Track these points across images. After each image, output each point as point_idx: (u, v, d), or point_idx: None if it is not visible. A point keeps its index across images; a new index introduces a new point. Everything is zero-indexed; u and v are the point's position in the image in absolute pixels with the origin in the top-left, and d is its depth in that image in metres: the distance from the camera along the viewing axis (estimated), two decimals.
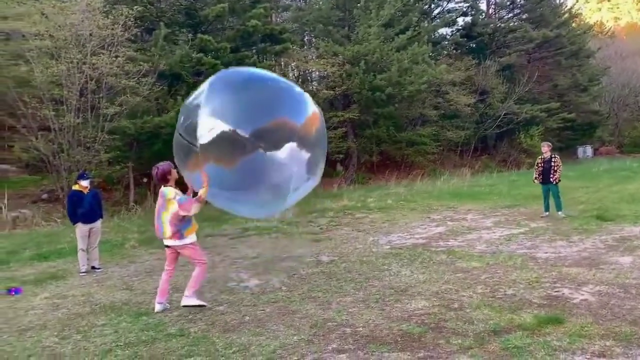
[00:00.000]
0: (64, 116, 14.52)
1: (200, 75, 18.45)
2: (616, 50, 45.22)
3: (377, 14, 21.33)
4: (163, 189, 5.45)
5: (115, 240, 10.14)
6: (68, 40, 14.77)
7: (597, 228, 8.95)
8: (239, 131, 4.93)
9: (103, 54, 15.08)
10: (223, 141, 4.99)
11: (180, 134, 5.29)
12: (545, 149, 11.14)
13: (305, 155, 5.29)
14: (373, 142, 24.91)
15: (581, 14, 47.78)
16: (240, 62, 18.84)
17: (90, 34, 15.11)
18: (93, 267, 7.61)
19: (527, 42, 30.03)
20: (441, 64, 26.23)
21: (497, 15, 33.60)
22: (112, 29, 15.31)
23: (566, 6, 35.61)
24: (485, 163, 28.49)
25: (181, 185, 5.50)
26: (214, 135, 4.93)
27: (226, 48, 18.33)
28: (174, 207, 5.26)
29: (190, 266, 6.02)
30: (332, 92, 21.63)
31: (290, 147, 5.10)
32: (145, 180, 18.20)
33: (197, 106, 5.08)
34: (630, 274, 5.75)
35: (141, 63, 15.69)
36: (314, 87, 24.56)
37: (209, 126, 4.95)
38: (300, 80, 24.64)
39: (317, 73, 26.50)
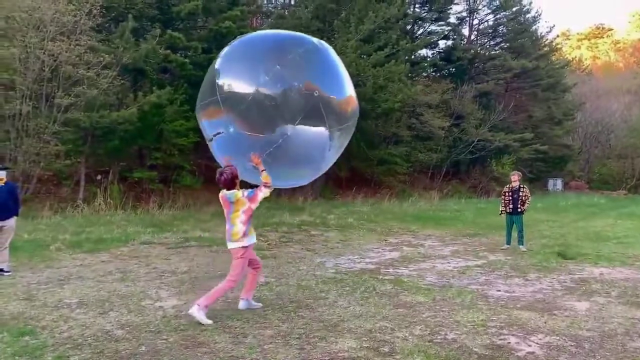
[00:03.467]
0: (12, 102, 13.61)
1: (166, 73, 17.74)
2: (592, 88, 45.88)
3: (357, 28, 20.93)
4: (227, 193, 5.18)
5: (43, 239, 9.29)
6: (25, 22, 13.92)
7: (556, 266, 8.48)
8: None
9: (63, 40, 14.25)
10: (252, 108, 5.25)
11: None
12: (515, 178, 10.68)
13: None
14: (343, 157, 24.27)
15: (561, 48, 48.60)
16: (210, 63, 18.20)
17: (53, 19, 14.28)
18: (1, 270, 6.79)
19: (505, 71, 30.03)
20: (419, 84, 26.00)
21: (478, 41, 33.64)
22: (75, 15, 14.51)
23: (547, 39, 35.89)
24: (455, 188, 28.21)
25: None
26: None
27: (197, 47, 17.63)
28: (244, 206, 5.11)
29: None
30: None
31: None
32: (99, 177, 17.27)
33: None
34: (585, 323, 5.22)
35: (103, 54, 14.87)
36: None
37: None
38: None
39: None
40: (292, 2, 28.59)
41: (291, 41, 5.95)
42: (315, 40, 5.98)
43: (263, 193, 5.08)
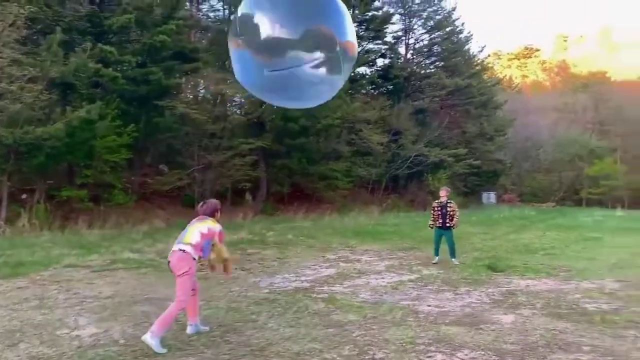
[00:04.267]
0: None
1: (97, 87, 17.11)
2: (522, 105, 48.31)
3: None
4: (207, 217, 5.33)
5: None
6: None
7: (486, 279, 8.71)
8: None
9: None
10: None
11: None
12: (443, 193, 10.92)
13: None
14: (284, 173, 24.32)
15: (492, 67, 50.97)
16: (145, 77, 17.75)
17: None
18: None
19: (440, 88, 31.12)
20: (358, 101, 26.44)
21: (414, 60, 34.70)
22: None
23: (479, 59, 37.54)
24: (394, 202, 28.75)
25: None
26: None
27: (130, 61, 17.16)
28: (214, 226, 5.21)
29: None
30: (244, 117, 20.94)
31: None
32: (24, 196, 16.34)
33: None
34: (509, 337, 5.34)
35: (28, 68, 14.18)
36: (229, 111, 23.83)
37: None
38: (217, 101, 23.68)
39: (237, 97, 25.74)
40: (232, 18, 28.46)
41: None
42: None
43: (224, 246, 5.39)
